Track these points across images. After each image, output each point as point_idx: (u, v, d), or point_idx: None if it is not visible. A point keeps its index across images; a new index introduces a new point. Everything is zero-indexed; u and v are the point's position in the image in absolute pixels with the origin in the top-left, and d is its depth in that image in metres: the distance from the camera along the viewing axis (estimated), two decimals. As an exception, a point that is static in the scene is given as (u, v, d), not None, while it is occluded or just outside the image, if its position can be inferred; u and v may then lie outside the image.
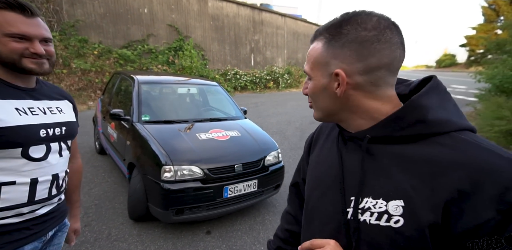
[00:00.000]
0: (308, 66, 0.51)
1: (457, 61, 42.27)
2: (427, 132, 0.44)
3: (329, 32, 0.47)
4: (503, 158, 0.38)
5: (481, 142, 0.41)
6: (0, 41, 0.64)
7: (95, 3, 7.97)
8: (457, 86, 14.90)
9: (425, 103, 0.45)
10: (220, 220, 2.28)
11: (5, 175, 0.66)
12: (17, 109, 0.68)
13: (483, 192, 0.36)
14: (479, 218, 0.37)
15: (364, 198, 0.46)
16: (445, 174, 0.39)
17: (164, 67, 8.88)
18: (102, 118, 3.31)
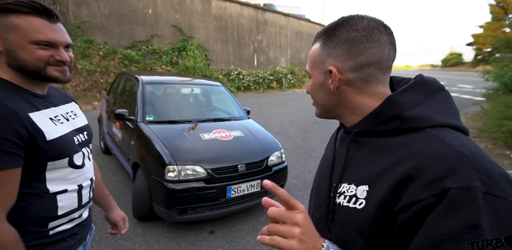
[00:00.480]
0: (308, 66, 0.56)
1: (464, 60, 41.71)
2: (404, 127, 0.48)
3: (326, 34, 0.53)
4: (454, 150, 0.41)
5: (446, 137, 0.44)
6: (26, 49, 0.61)
7: (100, 4, 8.05)
8: (463, 86, 14.71)
9: (402, 100, 0.49)
10: (223, 220, 2.29)
11: (58, 185, 0.67)
12: (51, 119, 0.68)
13: (424, 177, 0.40)
14: (414, 197, 0.40)
15: (342, 184, 0.53)
16: (403, 162, 0.44)
17: (168, 68, 8.94)
18: (107, 118, 3.35)
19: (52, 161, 0.65)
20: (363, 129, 0.52)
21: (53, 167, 0.66)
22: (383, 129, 0.50)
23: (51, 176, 0.66)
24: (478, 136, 4.86)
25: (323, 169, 0.62)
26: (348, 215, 0.49)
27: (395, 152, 0.46)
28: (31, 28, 0.60)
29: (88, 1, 7.85)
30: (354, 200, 0.48)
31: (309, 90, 0.57)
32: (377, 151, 0.50)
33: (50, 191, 0.66)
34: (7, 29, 0.60)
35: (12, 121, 0.56)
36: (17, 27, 0.60)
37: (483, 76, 5.77)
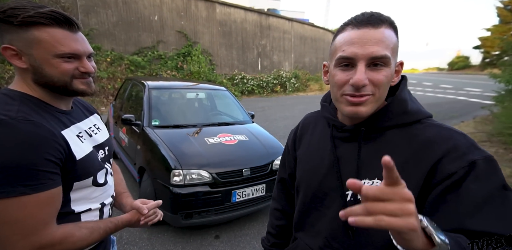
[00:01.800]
0: (389, 51, 0.49)
1: (471, 63, 41.18)
2: (409, 121, 0.53)
3: (393, 26, 0.51)
4: (458, 133, 0.50)
5: (441, 124, 0.53)
6: (51, 63, 0.57)
7: (108, 12, 8.27)
8: (471, 89, 14.49)
9: (405, 97, 0.55)
10: (228, 225, 2.29)
11: (82, 204, 0.66)
12: (78, 137, 0.65)
13: (449, 156, 0.47)
14: (446, 173, 0.46)
15: (362, 180, 0.52)
16: (424, 150, 0.49)
17: (173, 73, 9.07)
18: (114, 123, 3.40)
19: (78, 181, 0.63)
20: (375, 125, 0.54)
21: (78, 187, 0.64)
22: (392, 124, 0.53)
23: (75, 197, 0.64)
24: (488, 140, 4.75)
25: (319, 169, 0.61)
26: None
27: (409, 143, 0.51)
28: (54, 41, 0.56)
29: (97, 9, 8.07)
30: None
31: (385, 81, 0.50)
32: (389, 144, 0.53)
33: (75, 211, 0.64)
34: (30, 45, 0.56)
35: (51, 141, 0.55)
36: (40, 41, 0.56)
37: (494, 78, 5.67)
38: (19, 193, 0.51)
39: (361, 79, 0.48)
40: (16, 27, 0.54)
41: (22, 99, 0.58)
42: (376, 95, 0.51)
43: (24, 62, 0.57)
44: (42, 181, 0.54)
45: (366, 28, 0.49)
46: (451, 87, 15.91)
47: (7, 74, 5.94)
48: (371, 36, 0.48)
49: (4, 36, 0.56)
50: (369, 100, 0.51)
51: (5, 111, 0.53)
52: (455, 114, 7.53)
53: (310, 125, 0.71)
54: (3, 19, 0.54)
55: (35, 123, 0.54)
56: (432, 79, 24.18)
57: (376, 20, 0.49)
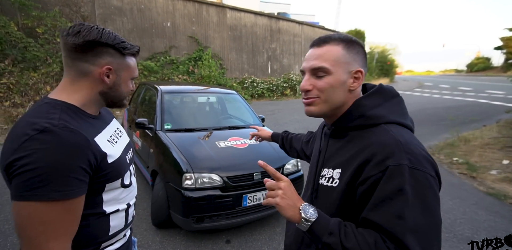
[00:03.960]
0: (329, 63, 0.62)
1: (492, 64, 39.52)
2: (366, 124, 0.63)
3: (346, 41, 0.64)
4: (394, 139, 0.57)
5: (391, 130, 0.60)
6: (127, 83, 0.73)
7: (124, 20, 8.58)
8: (493, 92, 13.85)
9: (365, 103, 0.64)
10: (239, 230, 2.27)
11: (111, 205, 0.69)
12: (108, 141, 0.70)
13: (375, 159, 0.56)
14: (368, 173, 0.56)
15: (324, 169, 0.69)
16: (363, 150, 0.59)
17: (184, 77, 9.24)
18: (128, 127, 3.49)
19: (110, 182, 0.67)
20: (340, 125, 0.67)
21: (109, 189, 0.68)
22: (353, 125, 0.65)
23: (107, 197, 0.68)
24: (515, 146, 4.50)
25: (313, 159, 0.78)
26: (327, 192, 0.66)
27: (359, 143, 0.62)
28: (134, 68, 0.74)
29: (113, 17, 8.40)
30: (331, 180, 0.65)
31: (327, 86, 0.63)
32: (349, 142, 0.65)
33: (106, 212, 0.68)
34: (123, 68, 0.70)
35: (85, 149, 0.58)
36: (129, 67, 0.72)
37: None
38: (48, 198, 0.53)
39: (303, 85, 0.65)
40: (120, 54, 0.69)
41: (62, 107, 0.63)
42: (322, 97, 0.64)
43: (110, 80, 0.69)
44: (72, 188, 0.56)
45: (312, 48, 0.67)
46: (471, 90, 15.29)
47: (31, 81, 6.26)
48: (313, 54, 0.65)
49: (105, 58, 0.67)
50: (316, 102, 0.65)
51: (48, 119, 0.58)
52: (476, 117, 7.21)
53: (320, 128, 0.91)
54: (116, 48, 0.67)
55: (73, 131, 0.58)
56: (449, 81, 23.32)
57: (320, 42, 0.65)
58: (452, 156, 4.30)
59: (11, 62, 6.23)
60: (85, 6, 7.83)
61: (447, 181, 3.48)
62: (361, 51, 0.65)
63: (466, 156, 4.25)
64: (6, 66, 6.09)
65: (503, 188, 3.20)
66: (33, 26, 6.75)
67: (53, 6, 7.18)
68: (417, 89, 17.77)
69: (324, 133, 0.76)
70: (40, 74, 6.44)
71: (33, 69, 6.48)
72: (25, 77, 6.22)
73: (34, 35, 6.72)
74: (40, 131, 0.54)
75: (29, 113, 0.61)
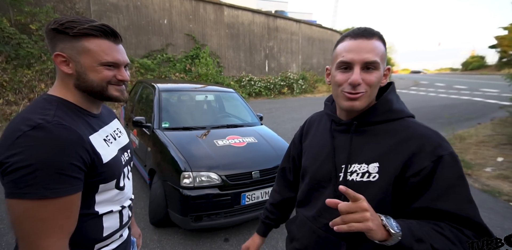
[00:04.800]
0: (379, 58, 0.62)
1: (487, 63, 39.94)
2: (392, 118, 0.66)
3: (381, 38, 0.65)
4: (432, 131, 0.62)
5: (419, 123, 0.66)
6: (96, 70, 0.63)
7: (119, 17, 8.48)
8: (487, 90, 14.02)
9: (390, 98, 0.68)
10: (238, 228, 2.27)
11: (105, 206, 0.68)
12: (105, 140, 0.68)
13: (424, 150, 0.59)
14: (421, 165, 0.58)
15: (352, 164, 0.66)
16: (404, 143, 0.61)
17: (182, 75, 9.18)
18: (125, 125, 3.46)
19: (104, 183, 0.65)
20: (366, 120, 0.67)
21: (103, 190, 0.66)
22: (380, 120, 0.66)
23: (100, 199, 0.66)
24: (508, 143, 4.56)
25: (319, 156, 0.74)
26: (363, 187, 0.62)
27: (393, 136, 0.63)
28: (100, 51, 0.63)
29: (109, 14, 8.28)
30: (367, 175, 0.63)
31: (375, 81, 0.63)
32: (376, 136, 0.65)
33: (99, 212, 0.66)
34: (79, 53, 0.62)
35: (78, 146, 0.57)
36: (89, 51, 0.62)
37: (510, 80, 5.45)
38: (41, 196, 0.52)
39: (357, 79, 0.61)
40: (70, 37, 0.61)
41: (58, 104, 0.62)
42: (368, 92, 0.64)
43: (70, 68, 0.63)
44: (65, 185, 0.55)
45: (361, 39, 0.62)
46: (466, 88, 15.46)
47: (25, 78, 6.16)
48: (365, 46, 0.62)
49: (57, 45, 0.62)
50: (363, 96, 0.64)
51: (43, 115, 0.57)
52: (471, 115, 7.29)
53: (315, 121, 0.85)
54: (61, 30, 0.60)
55: (67, 128, 0.57)
56: (445, 80, 23.51)
57: (369, 33, 0.63)
58: (448, 154, 4.34)
59: (4, 59, 6.12)
60: (80, 2, 7.71)
61: (443, 179, 3.51)
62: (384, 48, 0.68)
63: (461, 154, 4.30)
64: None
65: (497, 185, 3.25)
66: (26, 23, 6.63)
67: (47, 2, 7.06)
68: (413, 88, 17.91)
69: (333, 129, 0.73)
70: (34, 72, 6.34)
71: (27, 66, 6.38)
72: (19, 74, 6.12)
73: (28, 31, 6.61)
74: (33, 127, 0.53)
75: (27, 109, 0.60)
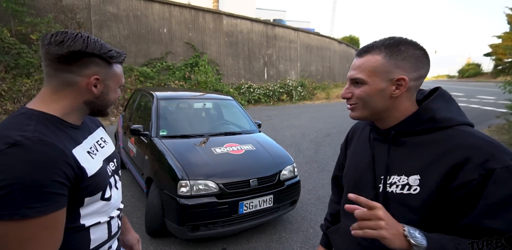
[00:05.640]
0: (365, 74, 0.64)
1: (483, 70, 40.47)
2: (437, 126, 0.62)
3: (389, 48, 0.63)
4: (485, 141, 0.57)
5: (472, 132, 0.60)
6: (115, 91, 0.71)
7: (120, 26, 8.62)
8: (484, 97, 14.12)
9: (433, 107, 0.64)
10: (235, 237, 2.23)
11: (91, 218, 0.66)
12: (88, 153, 0.67)
13: (471, 163, 0.54)
14: (466, 178, 0.54)
15: (392, 176, 0.64)
16: (448, 154, 0.57)
17: (181, 83, 9.25)
18: (123, 133, 3.45)
19: (89, 196, 0.64)
20: (403, 129, 0.65)
21: (89, 203, 0.65)
22: (420, 129, 0.63)
23: (85, 212, 0.65)
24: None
25: (360, 165, 0.74)
26: (403, 200, 0.61)
27: (436, 146, 0.59)
28: (120, 75, 0.72)
29: (109, 23, 8.43)
30: (407, 188, 0.61)
31: (363, 95, 0.65)
32: (418, 147, 0.62)
33: (86, 225, 0.65)
34: (109, 77, 0.69)
35: (61, 162, 0.56)
36: (115, 75, 0.70)
37: (504, 88, 5.49)
38: (22, 216, 0.50)
39: (342, 93, 0.69)
40: (107, 63, 0.67)
41: (39, 118, 0.60)
42: (360, 104, 0.66)
43: (97, 89, 0.67)
44: (47, 203, 0.53)
45: (355, 58, 0.68)
46: (463, 95, 15.58)
47: (24, 87, 6.19)
48: (354, 64, 0.67)
49: (91, 68, 0.65)
50: (356, 108, 0.67)
51: (22, 131, 0.54)
52: (468, 122, 7.32)
53: (359, 129, 0.85)
54: (103, 57, 0.65)
55: (48, 144, 0.55)
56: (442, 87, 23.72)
57: (361, 52, 0.66)
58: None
59: (4, 69, 6.17)
60: (81, 13, 7.86)
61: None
62: (414, 55, 0.62)
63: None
64: (-2, 72, 6.03)
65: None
66: (27, 33, 6.73)
67: (48, 12, 7.19)
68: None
69: (373, 138, 0.72)
70: (33, 81, 6.38)
71: (26, 76, 6.42)
72: (18, 83, 6.16)
73: (28, 41, 6.70)
74: (11, 145, 0.51)
75: (4, 124, 0.58)
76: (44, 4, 7.30)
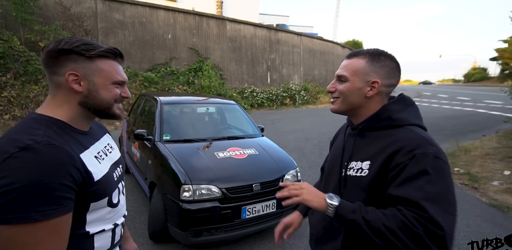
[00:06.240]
0: (349, 72, 0.79)
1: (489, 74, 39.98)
2: (392, 124, 0.77)
3: (371, 56, 0.78)
4: (420, 136, 0.71)
5: (415, 131, 0.74)
6: (107, 88, 0.66)
7: (125, 33, 8.80)
8: (491, 101, 13.91)
9: (391, 108, 0.79)
10: (238, 243, 2.21)
11: (96, 226, 0.66)
12: (96, 158, 0.67)
13: (403, 150, 0.69)
14: (398, 161, 0.69)
15: (352, 162, 0.80)
16: (392, 144, 0.72)
17: (185, 87, 9.33)
18: (127, 138, 3.48)
19: (95, 201, 0.64)
20: (367, 125, 0.80)
21: (94, 208, 0.65)
22: (380, 125, 0.78)
23: (91, 218, 0.64)
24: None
25: (335, 155, 0.90)
26: (356, 181, 0.77)
27: (386, 139, 0.74)
28: (113, 71, 0.67)
29: (115, 30, 8.61)
30: (360, 171, 0.76)
31: (344, 90, 0.79)
32: (375, 139, 0.78)
33: (90, 232, 0.64)
34: (93, 73, 0.65)
35: (69, 166, 0.56)
36: (102, 70, 0.66)
37: (510, 93, 5.39)
38: (30, 219, 0.50)
39: (328, 87, 0.84)
40: (85, 58, 0.64)
41: (48, 123, 0.61)
42: (341, 98, 0.80)
43: (81, 87, 0.64)
44: (55, 207, 0.53)
45: (345, 60, 0.83)
46: (469, 99, 15.38)
47: (32, 93, 6.32)
48: (342, 64, 0.82)
49: (67, 65, 0.63)
50: (336, 101, 0.82)
51: (32, 135, 0.55)
52: (475, 127, 7.17)
53: (343, 128, 0.98)
54: (76, 51, 0.62)
55: (57, 147, 0.56)
56: (447, 91, 23.46)
57: (350, 55, 0.81)
58: (453, 166, 4.26)
59: (13, 76, 6.32)
60: (88, 20, 8.05)
61: (450, 190, 3.41)
62: (389, 65, 0.77)
63: (467, 167, 4.20)
64: (8, 79, 6.18)
65: (506, 199, 3.14)
66: (36, 40, 6.91)
67: (56, 20, 7.39)
68: (415, 99, 17.91)
69: (347, 134, 0.89)
70: (41, 87, 6.51)
71: (34, 82, 6.56)
72: (26, 90, 6.29)
73: (37, 48, 6.86)
74: (22, 149, 0.52)
75: (14, 129, 0.59)
76: (53, 13, 7.51)
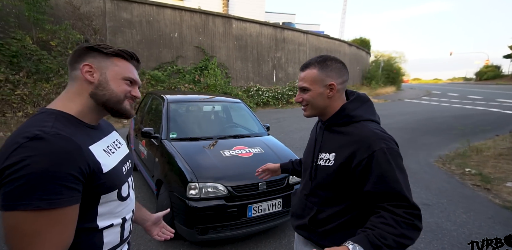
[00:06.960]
0: (308, 83, 0.91)
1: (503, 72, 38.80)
2: (351, 121, 0.89)
3: (319, 64, 0.91)
4: (373, 132, 0.83)
5: (369, 125, 0.87)
6: (117, 82, 0.71)
7: (133, 32, 8.89)
8: (505, 100, 13.50)
9: (349, 106, 0.91)
10: (244, 241, 2.22)
11: (106, 220, 0.66)
12: (105, 151, 0.69)
13: (362, 147, 0.81)
14: (360, 157, 0.81)
15: (321, 153, 0.93)
16: (352, 141, 0.84)
17: (191, 86, 9.39)
18: (135, 136, 3.53)
19: (105, 194, 0.65)
20: (332, 122, 0.93)
21: (105, 201, 0.65)
22: (341, 122, 0.91)
23: (102, 211, 0.65)
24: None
25: (309, 147, 1.03)
26: (324, 170, 0.90)
27: (348, 135, 0.87)
28: (125, 69, 0.73)
29: (123, 29, 8.71)
30: (327, 161, 0.89)
31: (309, 98, 0.92)
32: (339, 134, 0.91)
33: (99, 227, 0.65)
34: (106, 67, 0.70)
35: (77, 156, 0.57)
36: (115, 66, 0.71)
37: None
38: (34, 207, 0.51)
39: (295, 98, 0.97)
40: (102, 54, 0.70)
41: (57, 116, 0.63)
42: (309, 105, 0.93)
43: (94, 78, 0.69)
44: (60, 196, 0.54)
45: (300, 72, 0.95)
46: (481, 98, 14.97)
47: (43, 91, 6.46)
48: (300, 77, 0.94)
49: (86, 59, 0.69)
50: (307, 108, 0.95)
51: (41, 127, 0.57)
52: (488, 127, 7.00)
53: (318, 123, 1.10)
54: (95, 48, 0.69)
55: (65, 138, 0.57)
56: (458, 90, 22.83)
57: (303, 67, 0.94)
58: (464, 167, 4.16)
59: (26, 74, 6.47)
60: (97, 20, 8.16)
61: (460, 193, 3.34)
62: (336, 67, 0.90)
63: (478, 167, 4.10)
64: (21, 78, 6.32)
65: (520, 201, 3.05)
66: (47, 39, 7.05)
67: (66, 19, 7.51)
68: (425, 97, 17.53)
69: (319, 127, 1.01)
70: (52, 85, 6.65)
71: (46, 80, 6.71)
72: (38, 88, 6.43)
73: (48, 47, 7.00)
74: (31, 139, 0.53)
75: (25, 123, 0.61)
76: (64, 12, 7.64)
